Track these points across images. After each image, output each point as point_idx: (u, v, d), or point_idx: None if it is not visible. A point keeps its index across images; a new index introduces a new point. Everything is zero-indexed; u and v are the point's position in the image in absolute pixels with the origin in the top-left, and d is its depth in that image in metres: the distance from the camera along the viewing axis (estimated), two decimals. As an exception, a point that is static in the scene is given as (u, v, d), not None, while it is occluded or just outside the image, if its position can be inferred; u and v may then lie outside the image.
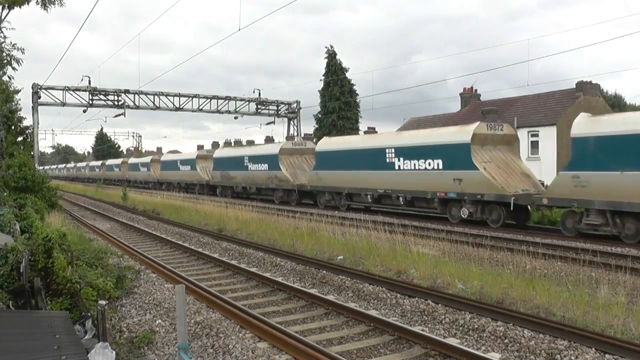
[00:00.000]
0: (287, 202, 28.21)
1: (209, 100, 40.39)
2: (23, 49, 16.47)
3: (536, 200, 15.91)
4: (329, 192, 24.55)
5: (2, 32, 16.25)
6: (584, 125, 14.60)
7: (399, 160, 20.24)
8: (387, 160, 20.68)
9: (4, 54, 16.24)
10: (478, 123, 18.24)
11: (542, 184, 18.42)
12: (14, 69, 16.63)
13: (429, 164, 18.93)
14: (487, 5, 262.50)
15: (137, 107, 38.81)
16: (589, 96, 30.11)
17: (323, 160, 25.10)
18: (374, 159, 21.39)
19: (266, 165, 29.90)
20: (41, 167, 51.50)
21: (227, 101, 40.97)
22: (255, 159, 31.53)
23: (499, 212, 16.93)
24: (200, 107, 40.30)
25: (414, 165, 19.56)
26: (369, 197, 21.93)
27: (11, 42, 16.48)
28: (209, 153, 40.10)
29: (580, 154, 14.55)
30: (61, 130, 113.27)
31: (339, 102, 43.66)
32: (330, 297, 8.55)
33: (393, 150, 20.54)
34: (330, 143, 25.81)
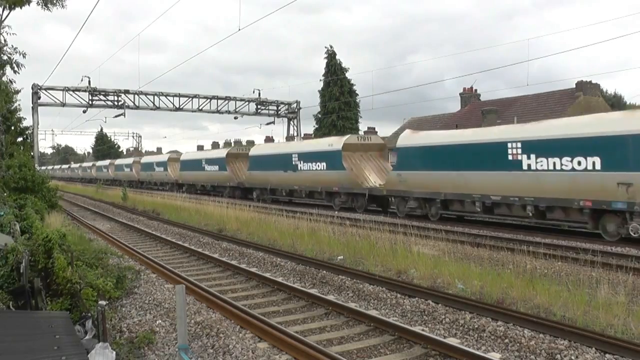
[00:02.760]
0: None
1: (208, 100, 40.44)
2: (24, 53, 16.40)
3: None
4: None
5: (2, 35, 16.20)
6: None
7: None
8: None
9: (5, 57, 16.20)
10: None
11: None
12: (15, 72, 16.59)
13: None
14: (482, 5, 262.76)
15: (137, 108, 38.90)
16: (588, 96, 30.14)
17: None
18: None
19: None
20: (42, 167, 51.41)
21: (227, 101, 41.02)
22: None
23: None
24: (200, 108, 40.35)
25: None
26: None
27: (12, 46, 16.41)
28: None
29: None
30: (61, 131, 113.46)
31: (339, 102, 43.67)
32: (331, 297, 8.54)
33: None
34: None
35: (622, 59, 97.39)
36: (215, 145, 57.31)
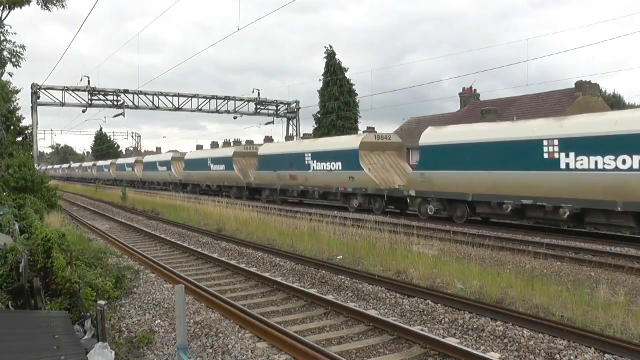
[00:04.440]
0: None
1: (208, 100, 40.38)
2: (24, 47, 16.47)
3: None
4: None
5: (2, 35, 16.26)
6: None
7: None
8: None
9: (6, 53, 16.25)
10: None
11: None
12: (15, 66, 16.65)
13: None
14: (478, 5, 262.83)
15: (137, 107, 38.85)
16: (588, 96, 30.12)
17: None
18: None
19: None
20: (42, 168, 51.47)
21: (226, 101, 40.97)
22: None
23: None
24: (200, 107, 40.29)
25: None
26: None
27: (12, 41, 16.47)
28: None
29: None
30: (60, 131, 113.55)
31: (339, 102, 43.61)
32: (330, 297, 8.54)
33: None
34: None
35: (621, 59, 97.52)
36: (214, 145, 57.45)
